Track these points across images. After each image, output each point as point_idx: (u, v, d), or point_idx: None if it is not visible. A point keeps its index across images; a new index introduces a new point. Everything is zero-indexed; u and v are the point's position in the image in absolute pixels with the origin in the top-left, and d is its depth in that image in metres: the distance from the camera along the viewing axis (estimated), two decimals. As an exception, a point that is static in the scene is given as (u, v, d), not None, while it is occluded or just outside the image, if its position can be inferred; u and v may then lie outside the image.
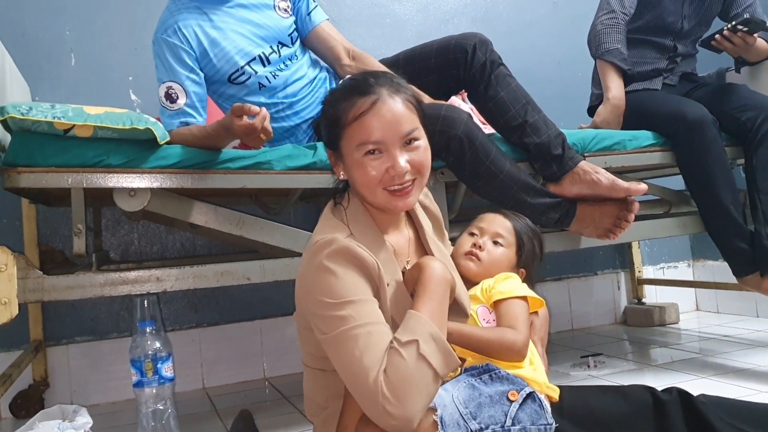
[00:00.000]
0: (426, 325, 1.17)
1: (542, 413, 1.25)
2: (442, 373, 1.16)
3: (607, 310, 3.54)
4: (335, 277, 1.21)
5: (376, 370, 1.13)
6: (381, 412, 1.11)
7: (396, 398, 1.10)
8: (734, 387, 2.06)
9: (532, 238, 1.57)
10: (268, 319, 2.90)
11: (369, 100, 1.27)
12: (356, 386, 1.16)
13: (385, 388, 1.11)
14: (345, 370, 1.18)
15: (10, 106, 1.62)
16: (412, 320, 1.19)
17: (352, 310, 1.19)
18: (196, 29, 2.01)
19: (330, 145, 1.35)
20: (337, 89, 1.36)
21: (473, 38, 2.08)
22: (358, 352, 1.15)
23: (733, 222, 2.30)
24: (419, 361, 1.13)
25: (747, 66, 2.63)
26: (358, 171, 1.29)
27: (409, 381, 1.12)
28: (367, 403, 1.14)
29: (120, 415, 2.45)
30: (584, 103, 2.81)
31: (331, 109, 1.32)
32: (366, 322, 1.18)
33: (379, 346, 1.16)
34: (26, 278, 1.70)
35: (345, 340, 1.17)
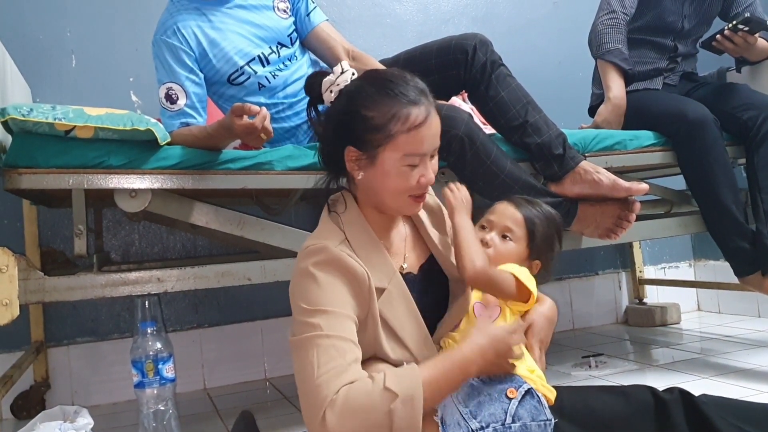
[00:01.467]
0: (416, 388, 1.11)
1: (541, 409, 1.25)
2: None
3: (609, 310, 3.54)
4: (316, 285, 1.22)
5: (333, 382, 1.11)
6: (320, 420, 1.09)
7: (344, 416, 1.09)
8: (736, 387, 2.05)
9: (547, 225, 1.49)
10: (269, 319, 2.90)
11: (423, 112, 1.27)
12: (305, 389, 1.15)
13: (340, 401, 1.09)
14: (300, 374, 1.18)
15: (11, 107, 1.62)
16: (408, 375, 1.14)
17: (322, 319, 1.19)
18: (195, 30, 2.01)
19: (361, 145, 1.29)
20: (372, 89, 1.30)
21: (474, 39, 2.08)
22: (316, 360, 1.15)
23: (735, 221, 2.30)
24: (386, 415, 1.09)
25: (748, 65, 2.63)
26: (396, 178, 1.29)
27: (364, 417, 1.09)
28: (310, 407, 1.12)
29: (121, 416, 2.45)
30: (585, 103, 2.81)
31: (371, 112, 1.27)
32: (333, 334, 1.17)
33: (339, 360, 1.15)
34: (27, 279, 1.70)
35: (308, 346, 1.17)
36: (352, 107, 1.31)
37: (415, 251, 1.45)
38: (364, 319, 1.27)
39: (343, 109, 1.33)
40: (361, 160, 1.30)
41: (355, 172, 1.32)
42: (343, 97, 1.35)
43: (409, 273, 1.41)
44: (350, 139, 1.31)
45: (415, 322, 1.33)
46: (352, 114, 1.30)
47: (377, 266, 1.30)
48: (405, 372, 1.15)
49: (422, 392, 1.11)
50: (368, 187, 1.33)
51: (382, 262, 1.32)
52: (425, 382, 1.13)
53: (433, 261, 1.46)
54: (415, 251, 1.45)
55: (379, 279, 1.29)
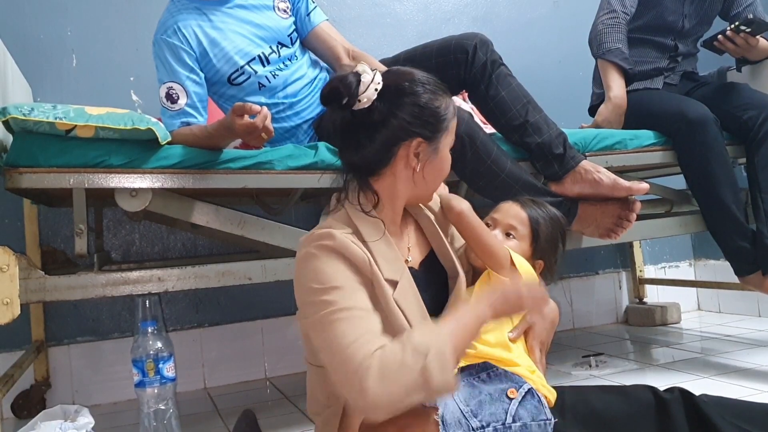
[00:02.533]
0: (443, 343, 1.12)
1: (541, 409, 1.25)
2: (434, 395, 1.11)
3: (609, 310, 3.54)
4: (323, 264, 1.22)
5: (365, 349, 1.11)
6: (360, 389, 1.08)
7: (382, 380, 1.07)
8: (736, 387, 2.05)
9: (551, 226, 1.51)
10: (270, 319, 2.90)
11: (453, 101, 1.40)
12: (336, 364, 1.14)
13: (376, 368, 1.08)
14: (327, 351, 1.16)
15: (12, 106, 1.62)
16: (433, 332, 1.15)
17: (337, 295, 1.18)
18: (195, 30, 2.01)
19: (427, 135, 1.33)
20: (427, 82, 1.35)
21: (474, 38, 2.08)
22: (341, 333, 1.14)
23: (735, 221, 2.30)
24: (422, 372, 1.08)
25: (748, 65, 2.63)
26: (448, 164, 1.40)
27: (401, 376, 1.08)
28: (347, 379, 1.11)
29: (122, 415, 2.45)
30: (585, 103, 2.81)
31: (437, 102, 1.34)
32: (351, 306, 1.18)
33: (364, 328, 1.15)
34: (28, 278, 1.70)
35: (328, 322, 1.16)
36: (418, 100, 1.32)
37: (417, 247, 1.45)
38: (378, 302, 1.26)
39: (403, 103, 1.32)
40: (425, 151, 1.34)
41: (415, 164, 1.34)
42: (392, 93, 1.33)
43: (411, 268, 1.41)
44: (418, 130, 1.32)
45: (423, 315, 1.33)
46: (421, 106, 1.32)
47: (390, 260, 1.30)
48: (427, 330, 1.17)
49: (449, 344, 1.12)
50: (421, 177, 1.35)
51: (394, 256, 1.32)
52: (448, 334, 1.14)
53: (433, 257, 1.46)
54: (417, 247, 1.45)
55: (392, 271, 1.29)
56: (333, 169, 1.88)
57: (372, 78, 1.32)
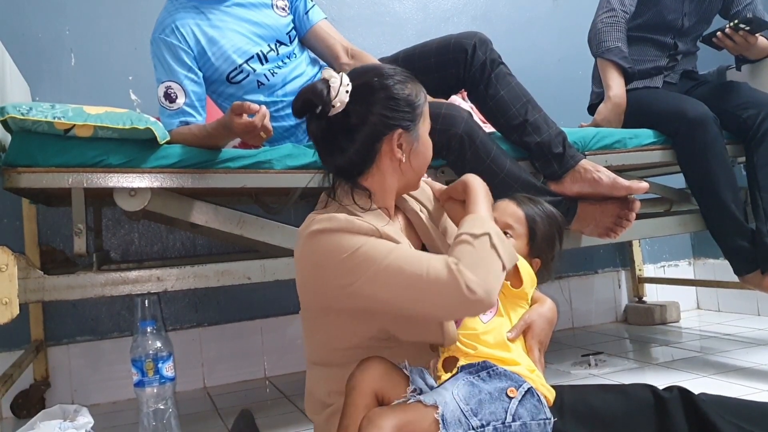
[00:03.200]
0: (491, 223, 1.26)
1: (541, 408, 1.25)
2: (508, 265, 1.22)
3: (608, 309, 3.54)
4: (338, 235, 1.23)
5: (441, 262, 1.16)
6: (461, 292, 1.13)
7: (475, 274, 1.14)
8: (735, 386, 2.05)
9: (548, 224, 1.50)
10: (269, 318, 2.90)
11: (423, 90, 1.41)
12: (422, 287, 1.17)
13: (463, 267, 1.15)
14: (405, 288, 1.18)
15: (10, 106, 1.62)
16: (479, 220, 1.27)
17: (373, 247, 1.21)
18: (194, 28, 2.01)
19: (406, 125, 1.34)
20: (394, 73, 1.36)
21: (473, 37, 2.07)
22: (408, 266, 1.18)
23: (734, 220, 2.30)
24: (491, 250, 1.20)
25: (748, 64, 2.63)
26: (430, 147, 1.41)
27: (485, 264, 1.18)
28: (442, 291, 1.15)
29: (121, 415, 2.45)
30: (584, 102, 2.81)
31: (408, 90, 1.35)
32: (392, 247, 1.22)
33: (420, 253, 1.22)
34: (27, 278, 1.70)
35: (387, 268, 1.19)
36: (391, 92, 1.33)
37: (408, 240, 1.45)
38: None
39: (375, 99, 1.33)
40: (407, 141, 1.35)
41: (399, 155, 1.34)
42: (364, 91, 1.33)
43: None
44: (397, 122, 1.33)
45: None
46: (395, 98, 1.33)
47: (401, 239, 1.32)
48: (473, 221, 1.27)
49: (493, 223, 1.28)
50: (408, 167, 1.36)
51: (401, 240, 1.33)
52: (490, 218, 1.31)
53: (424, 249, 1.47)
54: (408, 240, 1.45)
55: None
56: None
57: (340, 81, 1.33)
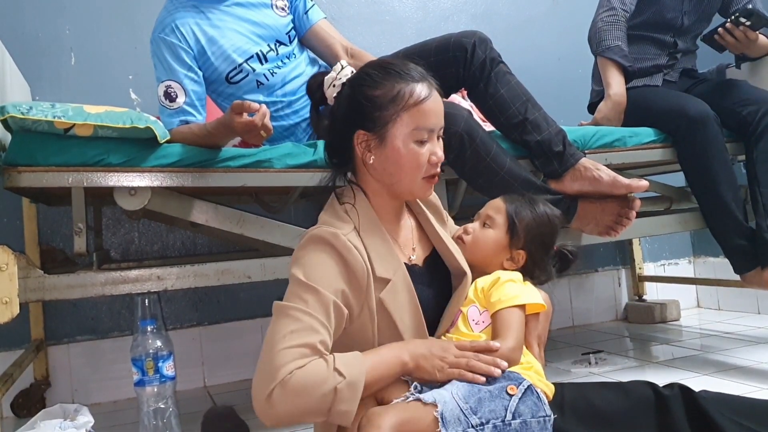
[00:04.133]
0: (360, 374, 1.18)
1: (541, 405, 1.25)
2: (333, 414, 1.16)
3: (608, 307, 3.54)
4: (318, 263, 1.25)
5: (294, 355, 1.15)
6: (268, 389, 1.13)
7: (291, 392, 1.13)
8: (736, 384, 2.05)
9: (534, 220, 1.50)
10: (269, 317, 2.88)
11: (426, 87, 1.32)
12: (265, 357, 1.18)
13: (294, 378, 1.13)
14: (268, 339, 1.20)
15: (10, 105, 1.62)
16: (355, 361, 1.20)
17: (312, 296, 1.21)
18: (193, 28, 2.01)
19: (370, 126, 1.32)
20: (374, 71, 1.34)
21: (472, 36, 2.07)
22: (288, 331, 1.18)
23: (734, 219, 2.30)
24: (330, 393, 1.14)
25: (747, 62, 2.63)
26: (408, 156, 1.32)
27: (311, 396, 1.14)
28: (264, 373, 1.16)
29: (121, 414, 2.45)
30: (584, 100, 2.81)
31: (377, 91, 1.31)
32: (315, 314, 1.20)
33: (310, 339, 1.17)
34: (27, 277, 1.70)
35: (287, 314, 1.20)
36: (357, 91, 1.34)
37: (420, 244, 1.47)
38: (359, 313, 1.29)
39: (348, 96, 1.36)
40: (372, 141, 1.33)
41: (366, 156, 1.34)
42: (346, 87, 1.38)
43: (415, 265, 1.42)
44: (359, 122, 1.34)
45: (414, 315, 1.35)
46: (358, 97, 1.33)
47: (384, 257, 1.32)
48: (352, 358, 1.20)
49: (364, 380, 1.17)
50: (381, 170, 1.35)
51: (388, 253, 1.34)
52: (368, 370, 1.19)
53: (436, 255, 1.47)
54: (420, 244, 1.47)
55: (385, 269, 1.31)
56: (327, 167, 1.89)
57: (336, 75, 1.35)
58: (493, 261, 1.49)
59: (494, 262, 1.49)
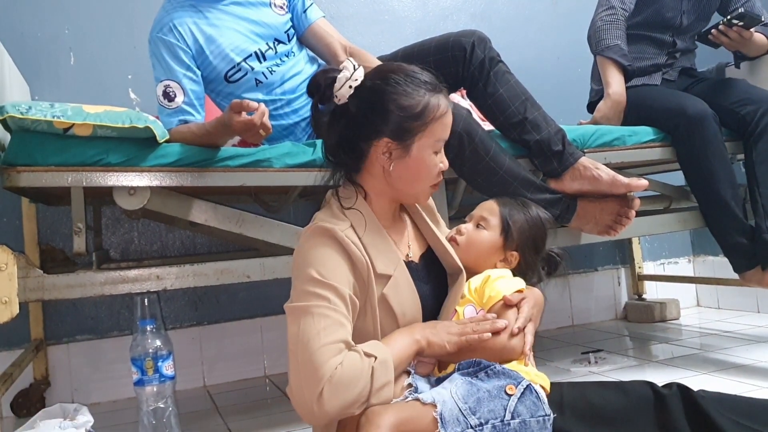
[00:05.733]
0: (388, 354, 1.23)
1: (540, 405, 1.26)
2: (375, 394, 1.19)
3: (608, 306, 3.54)
4: (326, 259, 1.26)
5: (332, 352, 1.16)
6: (316, 392, 1.14)
7: (339, 391, 1.15)
8: (735, 383, 2.06)
9: (527, 222, 1.52)
10: (269, 316, 2.91)
11: (446, 101, 1.36)
12: (305, 357, 1.18)
13: (336, 376, 1.15)
14: (299, 339, 1.20)
15: (10, 105, 1.62)
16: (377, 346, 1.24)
17: (331, 293, 1.22)
18: (192, 27, 2.01)
19: (398, 135, 1.32)
20: (401, 79, 1.33)
21: (471, 36, 2.07)
22: (321, 329, 1.19)
23: (733, 217, 2.30)
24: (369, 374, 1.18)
25: (746, 61, 2.63)
26: (427, 167, 1.35)
27: (355, 384, 1.16)
28: (306, 376, 1.16)
29: (121, 414, 2.45)
30: (584, 99, 2.81)
31: (409, 101, 1.31)
32: (340, 311, 1.22)
33: (341, 335, 1.20)
34: (27, 277, 1.70)
35: (313, 314, 1.21)
36: (384, 98, 1.33)
37: (416, 242, 1.48)
38: (363, 305, 1.30)
39: (370, 101, 1.34)
40: (396, 151, 1.33)
41: (386, 163, 1.34)
42: (366, 91, 1.35)
43: (412, 262, 1.43)
44: (385, 130, 1.33)
45: (415, 311, 1.36)
46: (387, 105, 1.32)
47: (384, 253, 1.33)
48: (374, 344, 1.24)
49: (392, 358, 1.22)
50: (397, 177, 1.35)
51: (388, 249, 1.35)
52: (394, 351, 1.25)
53: (431, 253, 1.49)
54: (416, 242, 1.48)
55: (385, 266, 1.32)
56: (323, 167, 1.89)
57: (350, 75, 1.34)
58: (486, 262, 1.50)
59: (487, 263, 1.50)
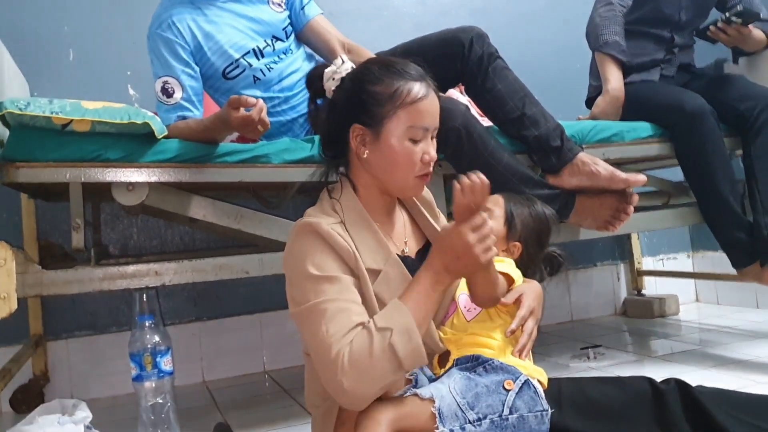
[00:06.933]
0: (405, 317, 1.19)
1: (538, 400, 1.26)
2: (407, 366, 1.17)
3: (607, 302, 3.55)
4: (317, 253, 1.26)
5: (341, 343, 1.16)
6: (337, 383, 1.14)
7: (353, 374, 1.14)
8: (734, 378, 2.06)
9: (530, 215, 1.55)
10: (268, 312, 2.91)
11: (424, 87, 1.34)
12: (319, 356, 1.19)
13: (347, 362, 1.14)
14: (312, 344, 1.21)
15: (8, 101, 1.62)
16: (394, 310, 1.21)
17: (327, 285, 1.23)
18: (190, 23, 2.01)
19: (366, 120, 1.33)
20: (375, 68, 1.35)
21: (470, 32, 2.07)
22: (324, 327, 1.18)
23: (732, 213, 2.30)
24: (387, 349, 1.15)
25: (745, 56, 2.63)
26: (401, 153, 1.32)
27: (371, 364, 1.14)
28: (325, 372, 1.17)
29: (120, 409, 2.46)
30: (582, 95, 2.81)
31: (376, 86, 1.32)
32: (339, 297, 1.22)
33: (345, 321, 1.19)
34: (25, 273, 1.70)
35: (315, 313, 1.21)
36: (357, 86, 1.35)
37: (413, 237, 1.48)
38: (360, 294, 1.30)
39: (348, 89, 1.37)
40: (367, 136, 1.34)
41: (360, 150, 1.35)
42: (346, 81, 1.39)
43: (408, 257, 1.43)
44: (356, 116, 1.34)
45: None
46: (358, 92, 1.34)
47: (372, 248, 1.33)
48: (389, 309, 1.22)
49: (413, 319, 1.19)
50: (375, 165, 1.35)
51: (377, 244, 1.35)
52: (411, 309, 1.20)
53: (429, 246, 1.48)
54: (413, 237, 1.48)
55: (374, 260, 1.32)
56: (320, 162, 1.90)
57: (336, 68, 1.36)
58: None
59: None
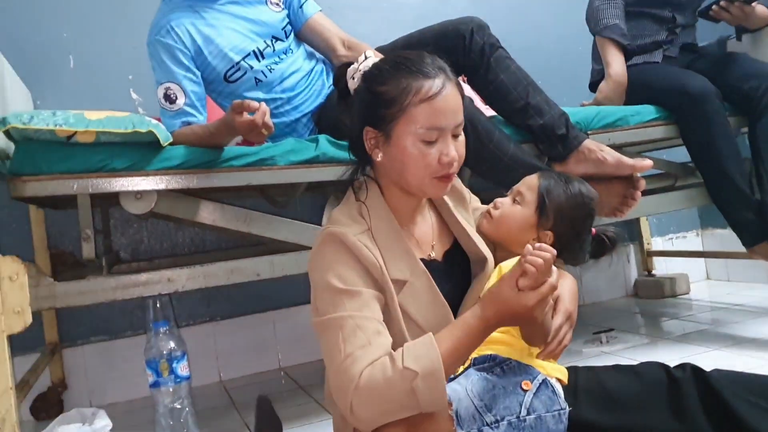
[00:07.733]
0: (435, 361, 1.13)
1: (555, 399, 1.25)
2: (425, 410, 1.13)
3: (618, 284, 3.55)
4: (341, 265, 1.24)
5: (356, 365, 1.14)
6: (346, 402, 1.13)
7: (366, 400, 1.12)
8: (748, 358, 2.06)
9: (567, 201, 1.45)
10: (281, 309, 2.92)
11: (437, 84, 1.25)
12: (333, 374, 1.17)
13: (363, 386, 1.12)
14: (327, 357, 1.20)
15: (12, 116, 1.62)
16: (426, 349, 1.15)
17: (348, 300, 1.21)
18: (189, 28, 2.01)
19: (375, 123, 1.29)
20: (386, 66, 1.30)
21: (470, 22, 2.06)
22: (341, 342, 1.17)
23: (740, 192, 2.29)
24: (409, 392, 1.11)
25: (748, 33, 2.61)
26: (413, 156, 1.26)
27: (387, 397, 1.12)
28: (337, 389, 1.16)
29: (138, 414, 2.47)
30: (586, 79, 2.79)
31: (383, 87, 1.27)
32: (358, 314, 1.19)
33: (363, 340, 1.16)
34: (38, 286, 1.71)
35: (333, 327, 1.19)
36: (367, 86, 1.32)
37: (441, 239, 1.45)
38: (385, 311, 1.27)
39: (361, 90, 1.34)
40: (379, 139, 1.30)
41: (374, 153, 1.32)
42: (361, 81, 1.35)
43: (434, 260, 1.40)
44: (367, 118, 1.31)
45: (440, 313, 1.33)
46: (368, 92, 1.31)
47: (399, 257, 1.30)
48: (422, 347, 1.15)
49: (442, 365, 1.12)
50: (389, 168, 1.32)
51: (404, 253, 1.32)
52: (444, 354, 1.14)
53: (457, 245, 1.46)
54: (441, 239, 1.45)
55: (400, 271, 1.29)
56: (335, 162, 1.90)
57: (358, 66, 1.34)
58: (518, 239, 1.44)
59: (519, 241, 1.41)
